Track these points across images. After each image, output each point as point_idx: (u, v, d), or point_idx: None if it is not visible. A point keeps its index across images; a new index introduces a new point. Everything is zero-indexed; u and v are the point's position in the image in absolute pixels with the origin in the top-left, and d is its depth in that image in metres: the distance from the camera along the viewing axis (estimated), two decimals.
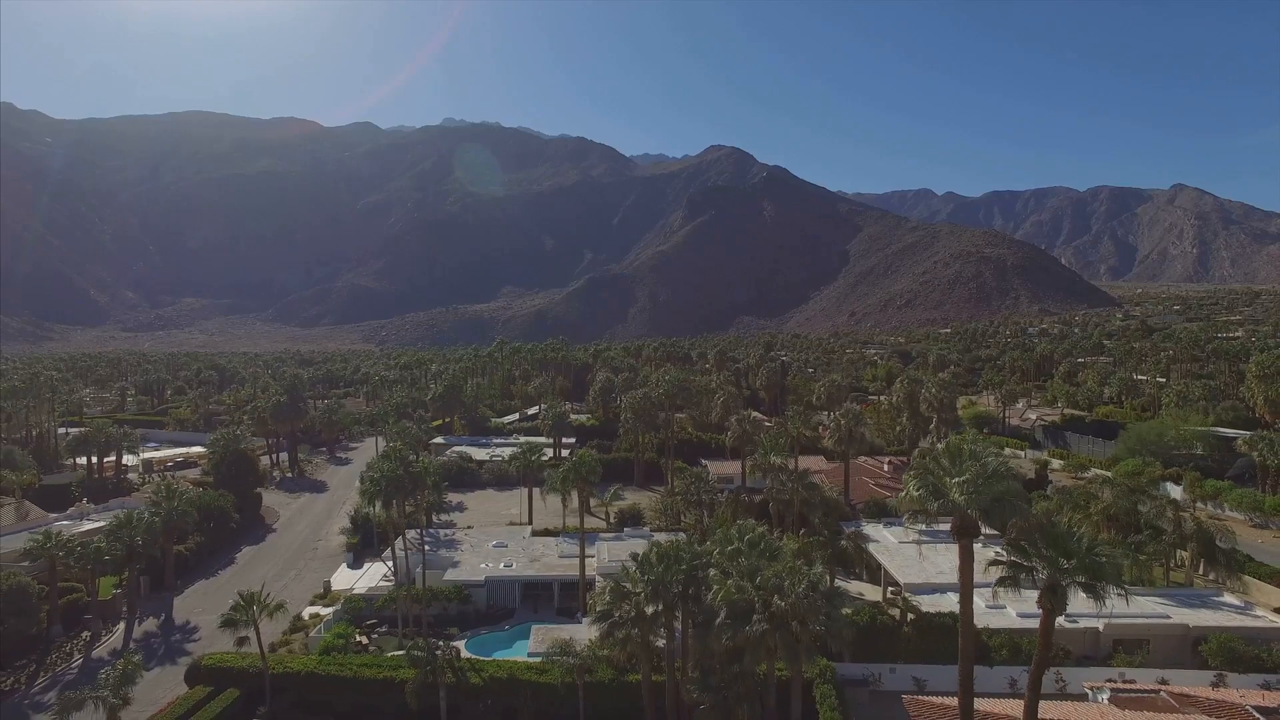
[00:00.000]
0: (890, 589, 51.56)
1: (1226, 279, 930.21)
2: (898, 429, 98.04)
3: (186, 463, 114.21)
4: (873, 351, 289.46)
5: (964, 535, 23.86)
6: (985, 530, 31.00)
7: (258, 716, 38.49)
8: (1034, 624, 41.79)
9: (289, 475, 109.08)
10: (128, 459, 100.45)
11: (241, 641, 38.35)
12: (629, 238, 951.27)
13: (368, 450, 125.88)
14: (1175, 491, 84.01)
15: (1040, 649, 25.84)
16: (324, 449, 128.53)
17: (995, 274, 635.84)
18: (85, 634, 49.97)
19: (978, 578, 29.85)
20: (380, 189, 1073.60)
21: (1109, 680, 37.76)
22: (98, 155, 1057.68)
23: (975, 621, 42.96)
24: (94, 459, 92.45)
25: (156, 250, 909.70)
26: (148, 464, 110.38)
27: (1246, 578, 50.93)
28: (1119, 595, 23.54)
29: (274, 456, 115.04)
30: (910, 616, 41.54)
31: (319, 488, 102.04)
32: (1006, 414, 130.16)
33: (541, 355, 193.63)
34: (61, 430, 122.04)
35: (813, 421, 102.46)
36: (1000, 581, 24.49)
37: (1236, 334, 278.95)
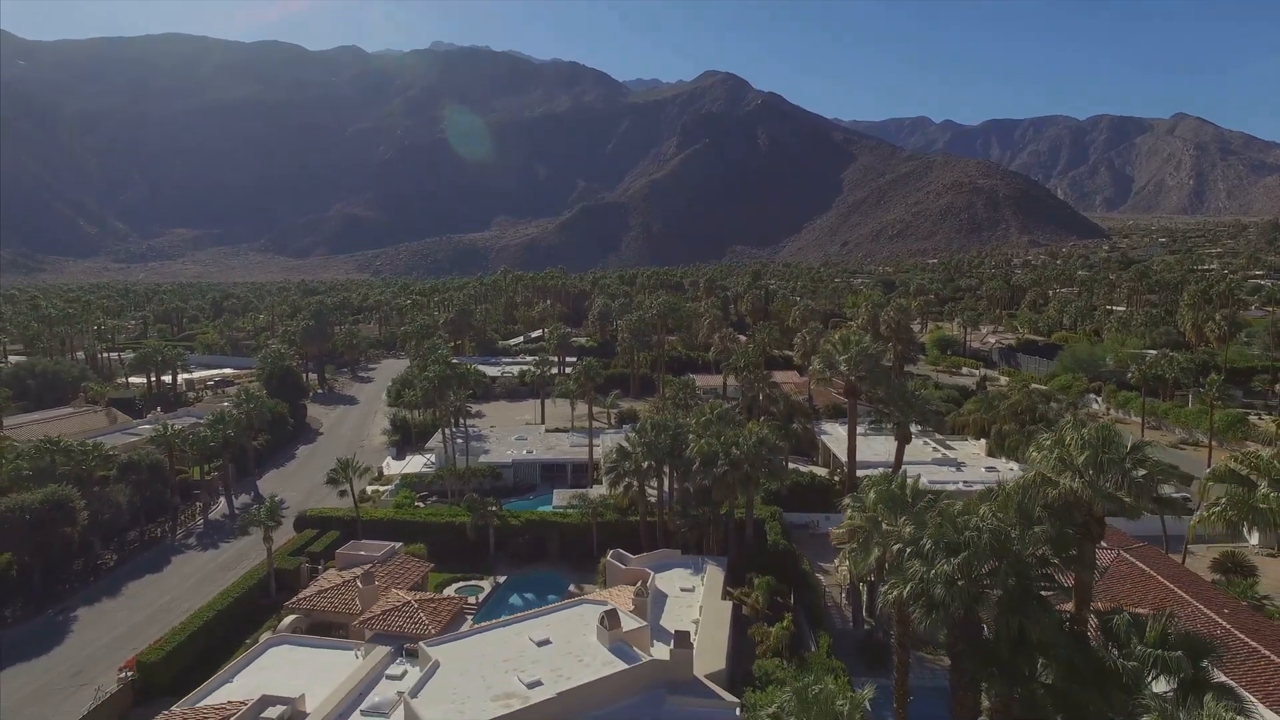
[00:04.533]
0: (837, 468, 64.89)
1: (1221, 211, 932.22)
2: None
3: (224, 381, 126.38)
4: (860, 281, 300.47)
5: (850, 395, 36.10)
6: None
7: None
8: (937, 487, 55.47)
9: (320, 391, 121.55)
10: (181, 378, 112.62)
11: (342, 495, 51.25)
12: (622, 166, 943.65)
13: (385, 370, 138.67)
14: (1096, 401, 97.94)
15: (896, 462, 38.78)
16: (346, 369, 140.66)
17: (987, 205, 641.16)
18: (197, 504, 63.08)
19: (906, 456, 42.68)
20: (369, 116, 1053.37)
21: None
22: (76, 80, 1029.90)
23: None
24: (153, 377, 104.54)
25: (143, 179, 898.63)
26: (189, 383, 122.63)
27: None
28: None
29: (304, 375, 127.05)
30: (841, 478, 54.62)
31: (350, 400, 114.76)
32: (968, 337, 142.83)
33: (542, 283, 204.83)
34: (112, 354, 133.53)
35: (792, 341, 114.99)
36: (871, 424, 37.01)
37: (1212, 266, 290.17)
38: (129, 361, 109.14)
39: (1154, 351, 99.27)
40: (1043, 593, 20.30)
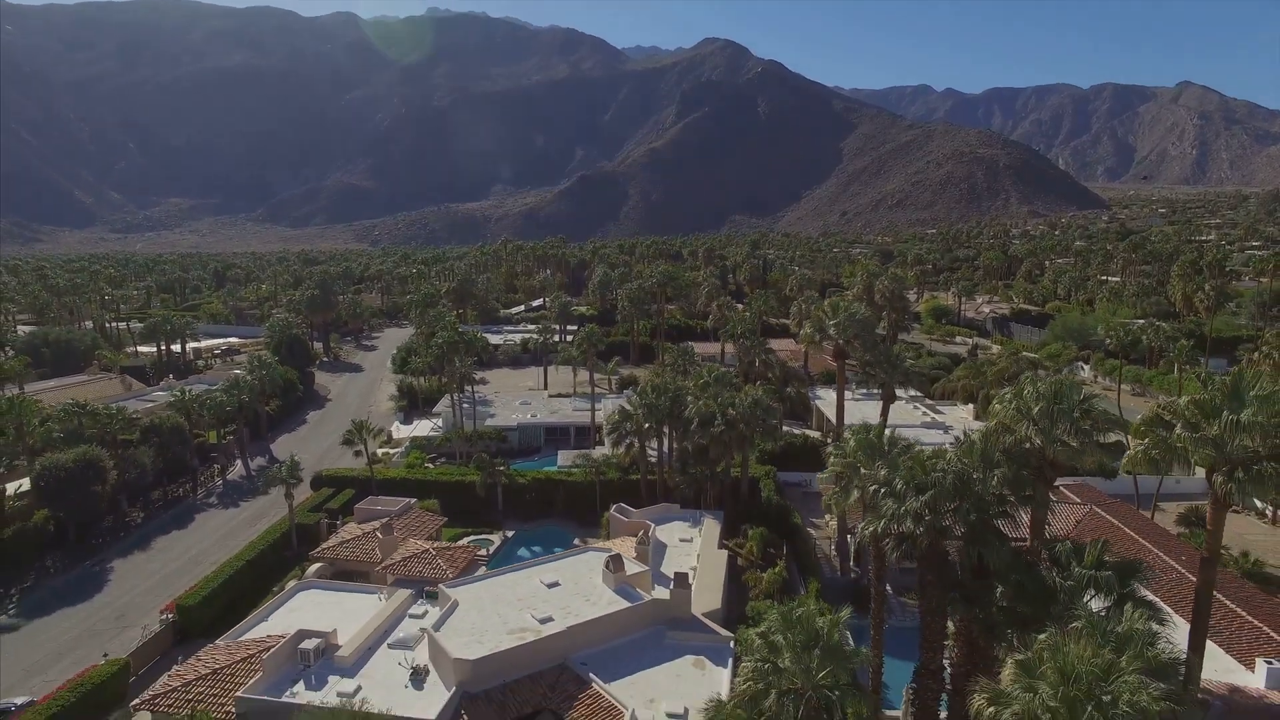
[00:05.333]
0: (829, 430, 67.54)
1: (1224, 181, 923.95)
2: None
3: (231, 350, 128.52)
4: (858, 251, 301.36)
5: (839, 358, 38.41)
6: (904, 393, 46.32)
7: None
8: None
9: (325, 359, 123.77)
10: (189, 346, 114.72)
11: (358, 454, 53.84)
12: (621, 134, 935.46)
13: (388, 339, 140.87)
14: (1085, 368, 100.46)
15: (881, 420, 41.24)
16: (350, 337, 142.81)
17: (987, 175, 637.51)
18: (215, 466, 65.74)
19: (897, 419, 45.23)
20: (365, 83, 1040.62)
21: None
22: (65, 46, 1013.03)
23: None
24: (162, 345, 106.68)
25: (137, 148, 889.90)
26: (197, 352, 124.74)
27: None
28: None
29: (310, 344, 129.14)
30: (831, 439, 57.23)
31: (355, 369, 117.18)
32: (963, 306, 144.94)
33: (542, 252, 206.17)
34: (119, 324, 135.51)
35: (788, 310, 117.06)
36: (859, 382, 39.42)
37: (1209, 237, 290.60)
38: (139, 331, 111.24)
39: (1142, 320, 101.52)
40: (1003, 531, 22.92)
